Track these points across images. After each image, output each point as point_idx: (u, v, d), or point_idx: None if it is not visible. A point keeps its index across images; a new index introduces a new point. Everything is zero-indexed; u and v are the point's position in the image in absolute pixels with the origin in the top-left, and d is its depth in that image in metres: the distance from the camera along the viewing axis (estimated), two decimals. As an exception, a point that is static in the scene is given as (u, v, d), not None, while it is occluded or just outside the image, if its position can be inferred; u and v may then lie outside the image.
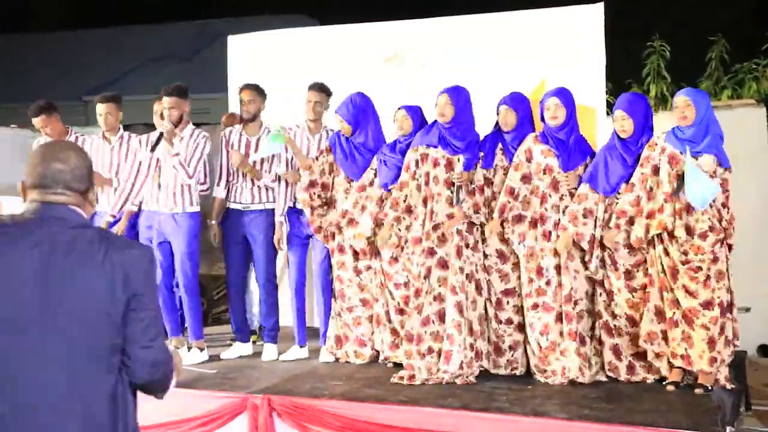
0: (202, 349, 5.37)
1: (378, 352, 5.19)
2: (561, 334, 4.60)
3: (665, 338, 4.45)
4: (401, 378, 4.66)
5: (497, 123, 4.95)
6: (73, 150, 2.27)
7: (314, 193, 5.21)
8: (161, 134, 5.17)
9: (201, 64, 20.66)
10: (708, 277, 4.33)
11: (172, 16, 24.51)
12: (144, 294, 2.17)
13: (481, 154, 4.88)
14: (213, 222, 5.49)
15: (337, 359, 5.26)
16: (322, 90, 5.38)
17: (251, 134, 5.47)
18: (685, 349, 4.37)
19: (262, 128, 5.49)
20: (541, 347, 4.65)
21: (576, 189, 4.67)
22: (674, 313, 4.40)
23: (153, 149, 5.17)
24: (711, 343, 4.31)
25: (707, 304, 4.33)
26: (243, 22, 18.17)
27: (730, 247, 4.44)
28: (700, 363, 4.33)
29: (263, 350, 5.45)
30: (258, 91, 5.47)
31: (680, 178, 4.33)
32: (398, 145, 5.07)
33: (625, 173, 4.55)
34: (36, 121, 5.64)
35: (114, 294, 2.12)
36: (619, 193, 4.57)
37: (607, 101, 6.12)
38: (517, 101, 4.90)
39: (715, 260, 4.34)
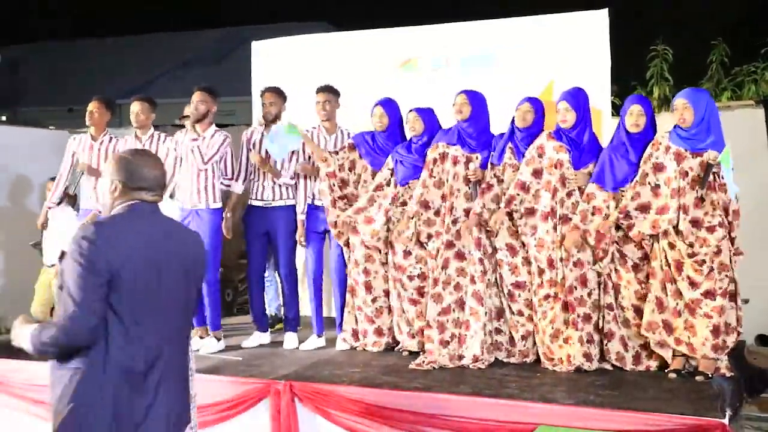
0: (219, 339, 5.36)
1: (392, 342, 5.18)
2: (566, 323, 4.59)
3: (666, 328, 4.42)
4: (419, 365, 4.66)
5: (513, 121, 4.92)
6: (158, 159, 2.81)
7: (333, 184, 5.21)
8: (186, 116, 5.26)
9: (226, 68, 20.72)
10: (711, 269, 4.30)
11: (199, 24, 24.67)
12: None
13: (493, 154, 4.87)
14: (228, 215, 5.47)
15: (353, 348, 5.27)
16: (327, 90, 5.38)
17: None
18: (689, 337, 4.36)
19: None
20: (546, 334, 4.65)
21: (585, 187, 4.63)
22: (677, 303, 4.38)
23: (181, 118, 5.28)
24: (715, 331, 4.28)
25: (708, 294, 4.30)
26: (266, 28, 18.20)
27: (732, 240, 4.40)
28: (703, 349, 4.32)
29: (284, 338, 5.46)
30: (279, 93, 5.48)
31: (705, 174, 4.27)
32: (413, 145, 5.08)
33: (630, 170, 4.52)
34: (93, 104, 5.85)
35: (202, 265, 2.78)
36: (623, 190, 4.54)
37: (612, 102, 6.09)
38: (538, 102, 4.91)
39: (718, 252, 4.30)
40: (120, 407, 2.43)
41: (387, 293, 5.18)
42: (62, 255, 2.48)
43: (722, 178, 4.31)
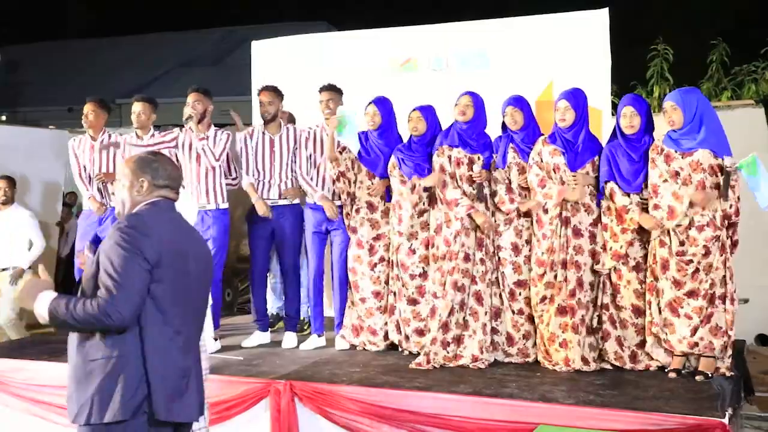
0: (216, 339, 5.33)
1: (392, 341, 5.18)
2: (563, 326, 4.59)
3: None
4: (419, 364, 4.66)
5: (504, 124, 4.93)
6: (174, 161, 3.11)
7: (345, 182, 5.24)
8: (189, 117, 5.30)
9: (226, 68, 20.75)
10: (697, 270, 4.31)
11: (199, 24, 24.68)
12: None
13: (495, 156, 4.87)
14: (256, 198, 5.39)
15: (354, 347, 5.27)
16: (331, 89, 5.39)
17: (273, 133, 5.48)
18: (666, 334, 4.39)
19: (282, 127, 5.50)
20: (544, 338, 4.66)
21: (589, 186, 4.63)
22: (659, 301, 4.42)
23: (186, 119, 5.31)
24: (693, 330, 4.30)
25: (691, 293, 4.32)
26: (265, 28, 18.21)
27: (735, 242, 4.40)
28: (680, 347, 4.34)
29: (284, 338, 5.46)
30: (276, 92, 5.49)
31: (725, 182, 4.24)
32: (413, 145, 5.07)
33: (632, 167, 4.53)
34: (88, 107, 5.84)
35: (212, 264, 2.99)
36: (640, 194, 4.52)
37: (613, 102, 6.09)
38: (522, 101, 4.90)
39: (706, 254, 4.31)
40: (161, 388, 2.60)
41: (376, 294, 5.18)
42: (92, 249, 2.60)
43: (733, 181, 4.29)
